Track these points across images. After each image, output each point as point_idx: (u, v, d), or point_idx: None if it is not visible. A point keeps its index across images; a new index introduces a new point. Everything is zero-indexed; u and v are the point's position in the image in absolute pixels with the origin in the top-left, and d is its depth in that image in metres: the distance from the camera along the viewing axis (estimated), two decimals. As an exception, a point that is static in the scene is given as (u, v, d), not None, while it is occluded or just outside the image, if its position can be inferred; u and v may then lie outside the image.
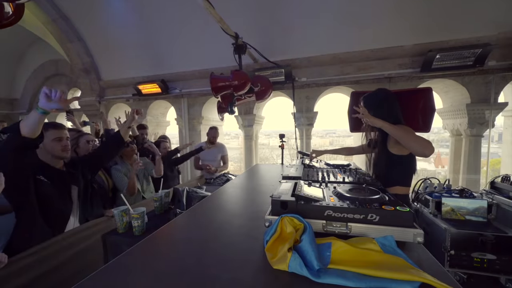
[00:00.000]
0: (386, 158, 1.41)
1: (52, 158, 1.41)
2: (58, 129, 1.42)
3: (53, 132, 1.39)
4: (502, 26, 2.69)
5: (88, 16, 4.08)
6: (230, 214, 1.13)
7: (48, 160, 1.40)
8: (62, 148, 1.40)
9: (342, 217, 0.76)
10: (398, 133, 1.27)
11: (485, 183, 2.36)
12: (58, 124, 1.47)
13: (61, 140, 1.41)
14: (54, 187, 1.37)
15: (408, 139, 1.24)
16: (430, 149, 1.19)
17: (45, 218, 1.32)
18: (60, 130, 1.42)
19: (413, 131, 1.32)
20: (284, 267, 0.61)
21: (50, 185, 1.35)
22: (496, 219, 1.77)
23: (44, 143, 1.35)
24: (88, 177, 1.63)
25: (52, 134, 1.38)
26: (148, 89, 4.32)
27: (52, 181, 1.36)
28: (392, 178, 1.41)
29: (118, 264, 0.70)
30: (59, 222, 1.39)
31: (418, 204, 2.05)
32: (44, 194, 1.32)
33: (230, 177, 2.81)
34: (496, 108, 3.00)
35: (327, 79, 3.46)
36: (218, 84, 2.54)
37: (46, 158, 1.40)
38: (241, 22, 3.05)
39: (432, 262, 0.67)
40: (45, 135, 1.33)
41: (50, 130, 1.38)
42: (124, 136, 1.71)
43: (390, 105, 1.45)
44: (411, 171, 1.43)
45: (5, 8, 1.41)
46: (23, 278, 1.10)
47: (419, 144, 1.21)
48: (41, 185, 1.31)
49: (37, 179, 1.31)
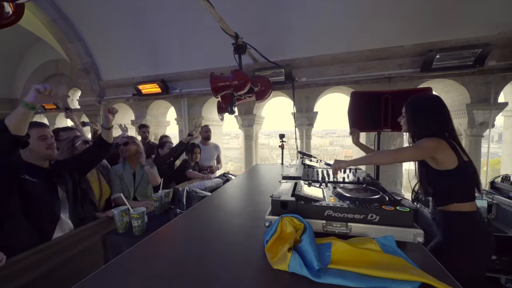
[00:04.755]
0: (429, 174, 1.23)
1: (38, 158, 1.38)
2: (41, 127, 1.39)
3: (37, 130, 1.35)
4: (502, 26, 2.69)
5: (88, 16, 4.08)
6: (230, 214, 1.13)
7: (33, 161, 1.37)
8: (47, 146, 1.37)
9: (342, 217, 0.76)
10: (371, 161, 1.27)
11: (485, 183, 2.36)
12: (41, 123, 1.44)
13: (46, 139, 1.37)
14: (41, 186, 1.33)
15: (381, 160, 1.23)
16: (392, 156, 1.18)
17: (31, 219, 1.28)
18: (44, 128, 1.39)
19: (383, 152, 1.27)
20: (284, 267, 0.61)
21: (37, 184, 1.31)
22: (496, 219, 1.77)
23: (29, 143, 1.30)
24: (76, 178, 1.58)
25: (36, 132, 1.34)
26: (148, 89, 4.32)
27: (38, 180, 1.33)
28: (444, 195, 1.21)
29: (118, 264, 0.70)
30: (48, 222, 1.35)
31: (418, 204, 2.05)
32: (30, 193, 1.28)
33: (230, 177, 2.81)
34: (496, 108, 3.00)
35: (327, 79, 3.46)
36: (218, 84, 2.54)
37: (31, 159, 1.36)
38: (241, 22, 3.05)
39: (432, 262, 0.67)
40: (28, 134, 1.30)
41: (33, 129, 1.34)
42: (107, 138, 1.65)
43: (435, 114, 1.25)
44: (467, 185, 1.19)
45: (5, 8, 1.40)
46: (23, 278, 1.10)
47: (388, 158, 1.19)
48: (26, 185, 1.27)
49: (22, 178, 1.27)
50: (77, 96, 5.57)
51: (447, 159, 1.16)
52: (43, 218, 1.34)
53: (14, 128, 1.09)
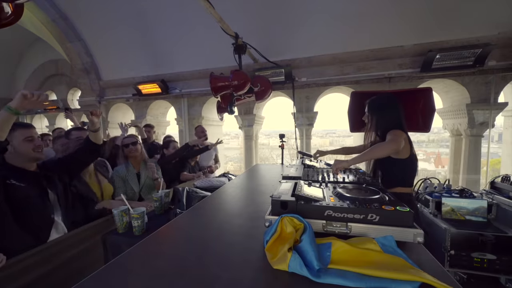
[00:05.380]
0: (386, 161, 1.44)
1: (25, 161, 1.33)
2: (27, 128, 1.34)
3: (22, 131, 1.30)
4: (502, 26, 2.69)
5: (88, 16, 4.08)
6: (230, 214, 1.13)
7: (19, 163, 1.31)
8: (34, 147, 1.32)
9: (342, 217, 0.76)
10: (371, 155, 1.35)
11: (485, 183, 2.36)
12: (26, 124, 1.40)
13: (33, 140, 1.32)
14: (29, 190, 1.28)
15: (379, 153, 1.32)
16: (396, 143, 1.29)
17: (23, 224, 1.24)
18: (30, 129, 1.35)
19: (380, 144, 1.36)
20: (284, 267, 0.61)
21: (25, 188, 1.26)
22: (496, 219, 1.77)
23: (14, 145, 1.26)
24: (66, 180, 1.54)
25: (22, 134, 1.29)
26: (148, 89, 4.32)
27: (26, 184, 1.28)
28: (393, 180, 1.44)
29: (118, 264, 0.70)
30: (41, 226, 1.31)
31: (418, 204, 2.05)
32: (19, 199, 1.24)
33: (230, 177, 2.81)
34: (496, 108, 3.00)
35: (327, 79, 3.46)
36: (218, 84, 2.54)
37: (17, 162, 1.30)
38: (241, 22, 3.05)
39: (432, 262, 0.67)
40: (13, 136, 1.26)
41: (19, 130, 1.29)
42: (95, 140, 1.60)
43: (392, 110, 1.51)
44: (412, 172, 1.48)
45: (4, 8, 1.40)
46: (24, 278, 1.10)
47: (387, 149, 1.30)
48: (14, 190, 1.22)
49: (8, 183, 1.21)
50: (77, 96, 5.58)
51: (405, 149, 1.40)
52: (36, 222, 1.29)
53: None
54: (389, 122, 1.48)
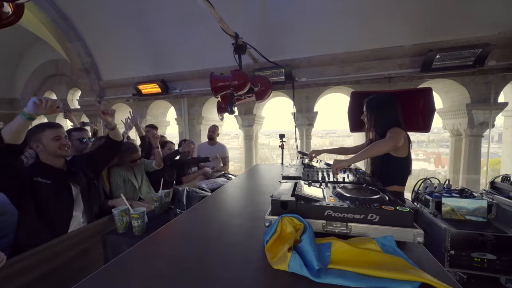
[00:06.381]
0: (384, 159, 1.46)
1: (53, 158, 1.44)
2: (55, 128, 1.45)
3: (51, 131, 1.41)
4: (502, 26, 2.69)
5: (88, 16, 4.08)
6: (230, 214, 1.13)
7: (49, 161, 1.43)
8: (60, 146, 1.42)
9: (342, 217, 0.76)
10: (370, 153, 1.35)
11: (485, 183, 2.36)
12: (55, 124, 1.49)
13: (60, 139, 1.43)
14: (53, 187, 1.38)
15: (378, 150, 1.32)
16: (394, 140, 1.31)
17: (44, 220, 1.32)
18: (58, 129, 1.45)
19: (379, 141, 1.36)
20: (284, 267, 0.61)
21: (49, 185, 1.36)
22: (496, 219, 1.77)
23: (44, 144, 1.38)
24: (91, 176, 1.63)
25: (50, 133, 1.40)
26: (148, 89, 4.32)
27: (52, 180, 1.38)
28: (389, 178, 1.47)
29: (118, 264, 0.70)
30: (60, 221, 1.40)
31: (418, 204, 2.05)
32: (43, 195, 1.33)
33: (230, 177, 2.80)
34: (496, 108, 3.00)
35: (327, 79, 3.46)
36: (218, 84, 2.54)
37: (47, 159, 1.42)
38: (241, 22, 3.05)
39: (432, 262, 0.67)
40: (43, 136, 1.37)
41: (47, 130, 1.41)
42: (115, 137, 1.70)
43: (390, 109, 1.52)
44: (407, 172, 1.52)
45: (4, 8, 1.40)
46: (24, 278, 1.10)
47: (386, 146, 1.32)
48: (39, 187, 1.32)
49: (35, 181, 1.31)
50: (77, 96, 5.57)
51: (404, 148, 1.42)
52: (56, 218, 1.38)
53: (11, 137, 1.12)
54: (387, 120, 1.49)
